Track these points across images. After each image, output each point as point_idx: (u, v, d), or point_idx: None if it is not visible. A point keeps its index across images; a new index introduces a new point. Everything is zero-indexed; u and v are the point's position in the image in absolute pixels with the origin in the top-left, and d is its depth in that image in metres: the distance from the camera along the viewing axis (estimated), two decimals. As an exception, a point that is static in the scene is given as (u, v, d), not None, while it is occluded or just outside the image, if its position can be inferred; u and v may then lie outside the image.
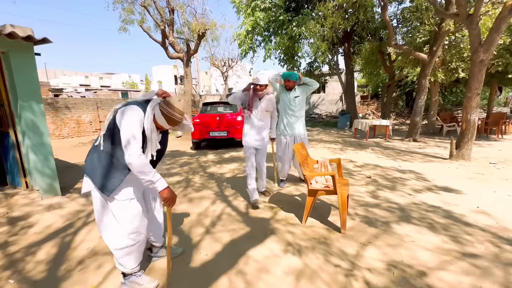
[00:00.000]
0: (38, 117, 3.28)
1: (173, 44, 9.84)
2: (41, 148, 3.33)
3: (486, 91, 12.50)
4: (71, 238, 2.48)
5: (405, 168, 4.66)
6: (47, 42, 3.08)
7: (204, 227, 2.59)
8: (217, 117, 6.77)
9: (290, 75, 3.34)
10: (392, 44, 7.48)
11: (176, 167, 5.19)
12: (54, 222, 2.86)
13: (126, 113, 1.46)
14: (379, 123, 8.41)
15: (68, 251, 2.26)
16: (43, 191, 3.37)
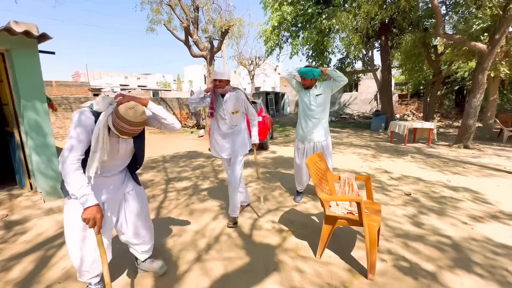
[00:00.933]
0: (42, 117, 3.16)
1: (197, 42, 9.70)
2: (45, 149, 3.21)
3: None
4: (54, 252, 2.24)
5: (456, 183, 3.76)
6: (46, 39, 2.92)
7: (197, 252, 2.16)
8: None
9: (306, 72, 2.76)
10: (440, 34, 6.36)
11: (188, 170, 4.89)
12: (47, 229, 2.68)
13: (74, 117, 1.38)
14: (421, 126, 7.27)
15: (44, 269, 2.00)
16: (45, 193, 3.26)
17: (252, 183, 3.98)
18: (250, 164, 5.13)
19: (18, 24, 2.87)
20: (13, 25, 2.81)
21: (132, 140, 1.58)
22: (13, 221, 2.82)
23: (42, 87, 3.15)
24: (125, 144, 1.55)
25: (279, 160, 5.43)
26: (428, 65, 10.32)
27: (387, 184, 3.72)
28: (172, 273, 1.90)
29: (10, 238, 2.53)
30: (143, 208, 1.77)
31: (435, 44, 9.92)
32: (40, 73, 3.13)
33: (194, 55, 9.65)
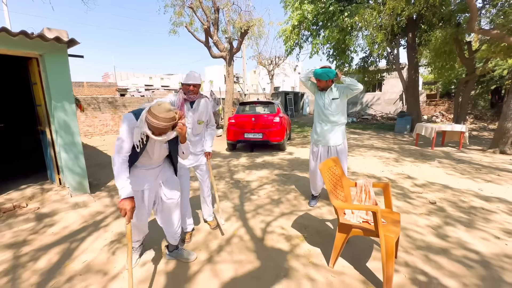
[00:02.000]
0: (70, 117, 3.37)
1: (217, 43, 9.84)
2: (72, 147, 3.43)
3: None
4: (77, 245, 2.38)
5: (489, 193, 3.45)
6: (75, 44, 3.10)
7: (208, 252, 2.19)
8: (252, 118, 6.38)
9: (320, 74, 2.68)
10: (475, 29, 5.87)
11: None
12: (72, 223, 2.86)
13: (122, 120, 1.64)
14: (451, 128, 6.78)
15: (67, 261, 2.14)
16: (72, 188, 3.48)
17: (267, 185, 3.94)
18: (268, 166, 5.10)
19: (50, 31, 3.09)
20: (46, 31, 3.03)
21: (167, 144, 1.80)
22: (43, 213, 3.03)
23: (70, 89, 3.37)
24: (159, 149, 1.77)
25: (296, 162, 5.34)
26: (460, 63, 9.59)
27: (410, 191, 3.50)
28: (183, 273, 1.93)
29: (40, 229, 2.73)
30: (174, 196, 1.94)
31: (469, 41, 9.19)
32: (69, 76, 3.34)
33: (214, 56, 9.80)
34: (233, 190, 3.74)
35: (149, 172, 1.84)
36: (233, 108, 10.97)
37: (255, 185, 3.94)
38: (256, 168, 4.95)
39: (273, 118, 6.31)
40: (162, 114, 1.49)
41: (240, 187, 3.89)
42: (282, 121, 6.36)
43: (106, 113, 10.78)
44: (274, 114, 6.46)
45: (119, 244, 2.36)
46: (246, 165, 5.24)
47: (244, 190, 3.75)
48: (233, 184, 4.02)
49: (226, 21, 10.01)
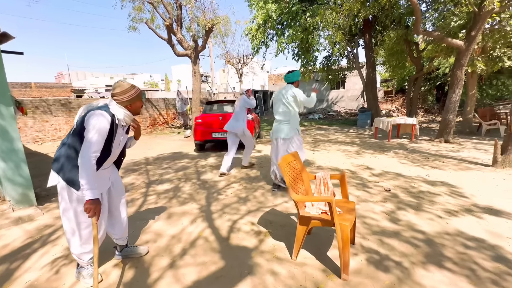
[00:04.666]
0: (7, 121, 2.99)
1: (181, 41, 9.51)
2: (12, 154, 3.04)
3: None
4: (19, 264, 2.12)
5: (435, 178, 3.84)
6: (8, 38, 2.75)
7: (171, 257, 2.10)
8: (220, 117, 6.29)
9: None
10: (420, 31, 6.47)
11: (171, 172, 4.78)
12: (14, 240, 2.53)
13: (93, 116, 1.52)
14: (404, 122, 7.42)
15: (6, 283, 1.88)
16: (14, 201, 3.09)
17: (234, 184, 3.92)
18: (236, 164, 5.08)
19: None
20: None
21: (126, 137, 1.84)
22: (-23, 233, 2.65)
23: (6, 89, 2.98)
24: (119, 144, 1.76)
25: (264, 159, 5.39)
26: (410, 61, 10.53)
27: (368, 181, 3.75)
28: (142, 281, 1.83)
29: (-28, 251, 2.38)
30: (122, 195, 1.96)
31: (417, 41, 10.13)
32: (3, 74, 2.95)
33: (178, 54, 9.47)
34: (200, 191, 3.65)
35: (106, 172, 1.79)
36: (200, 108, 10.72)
37: (223, 185, 3.89)
38: (224, 167, 4.89)
39: (240, 117, 6.28)
40: (129, 84, 1.63)
41: (207, 187, 3.81)
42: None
43: (58, 116, 9.79)
44: (242, 112, 6.43)
45: (66, 260, 2.15)
46: (214, 165, 5.15)
47: (211, 190, 3.68)
48: (200, 185, 3.92)
49: (189, 18, 9.72)
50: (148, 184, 4.13)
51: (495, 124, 7.86)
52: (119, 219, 1.96)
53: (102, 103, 1.65)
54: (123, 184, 2.03)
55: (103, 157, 1.64)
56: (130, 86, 1.65)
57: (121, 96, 1.62)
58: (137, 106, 1.71)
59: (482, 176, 3.90)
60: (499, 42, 6.29)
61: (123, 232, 2.01)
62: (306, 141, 7.55)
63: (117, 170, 1.97)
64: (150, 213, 3.00)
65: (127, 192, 3.76)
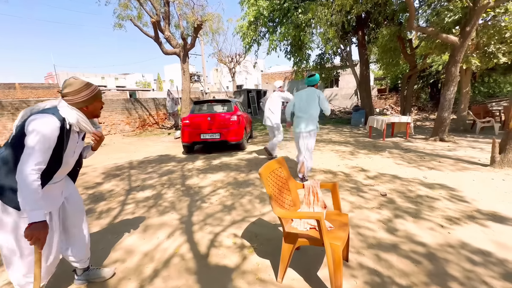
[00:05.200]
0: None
1: (169, 39, 9.18)
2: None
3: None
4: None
5: (432, 179, 3.64)
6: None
7: (140, 281, 1.82)
8: (208, 117, 6.01)
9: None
10: (414, 27, 6.30)
11: (155, 177, 4.49)
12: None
13: (37, 121, 1.25)
14: (399, 120, 7.25)
15: None
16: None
17: (221, 189, 3.65)
18: (225, 168, 4.80)
19: None
20: None
21: (82, 144, 1.60)
22: None
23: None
24: (79, 144, 1.54)
25: (254, 162, 5.13)
26: (403, 59, 10.41)
27: (363, 184, 3.53)
28: (101, 315, 1.55)
29: None
30: (80, 212, 1.70)
31: (410, 38, 10.01)
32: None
33: (166, 53, 9.13)
34: (182, 199, 3.37)
35: (56, 187, 1.51)
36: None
37: (208, 191, 3.62)
38: (211, 171, 4.62)
39: (230, 117, 6.02)
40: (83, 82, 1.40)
41: (191, 194, 3.53)
42: (240, 119, 6.11)
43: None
44: (231, 112, 6.17)
45: None
46: (202, 168, 4.87)
47: (195, 197, 3.40)
48: (184, 192, 3.64)
49: (178, 15, 9.38)
50: (128, 191, 3.84)
51: (489, 121, 7.76)
52: (78, 239, 1.69)
53: (50, 105, 1.39)
54: (81, 198, 1.76)
55: (52, 169, 1.38)
56: (85, 84, 1.41)
57: (73, 96, 1.37)
58: (95, 107, 1.48)
59: (481, 177, 3.72)
60: (493, 38, 6.16)
61: (83, 254, 1.74)
62: (299, 141, 7.32)
63: (72, 182, 1.70)
64: (124, 226, 2.71)
65: (104, 201, 3.46)
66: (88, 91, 1.40)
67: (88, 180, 4.53)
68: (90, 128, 1.47)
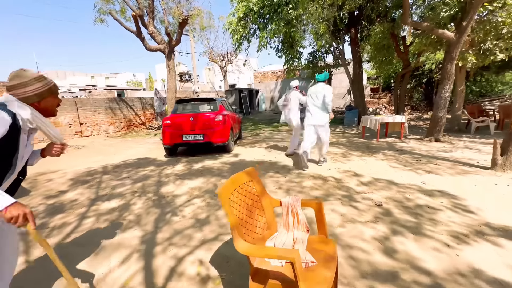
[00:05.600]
0: None
1: (153, 34, 8.69)
2: None
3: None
4: None
5: (431, 185, 3.30)
6: None
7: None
8: (191, 117, 5.57)
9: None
10: (408, 22, 6.00)
11: (128, 183, 4.04)
12: None
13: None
14: (393, 120, 6.95)
15: None
16: None
17: (197, 199, 3.23)
18: (206, 173, 4.38)
19: None
20: None
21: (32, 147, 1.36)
22: None
23: None
24: (28, 147, 1.30)
25: (239, 166, 4.72)
26: (397, 57, 10.16)
27: (356, 192, 3.16)
28: None
29: None
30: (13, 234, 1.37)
31: (404, 36, 9.75)
32: None
33: (150, 49, 8.63)
34: (151, 211, 2.94)
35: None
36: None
37: (183, 200, 3.20)
38: (191, 176, 4.19)
39: (214, 117, 5.59)
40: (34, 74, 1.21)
41: (162, 205, 3.10)
42: (225, 119, 5.69)
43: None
44: (216, 112, 5.75)
45: None
46: (181, 173, 4.44)
47: (166, 209, 2.98)
48: (155, 202, 3.21)
49: (162, 9, 8.89)
50: (93, 200, 3.38)
51: (484, 121, 7.55)
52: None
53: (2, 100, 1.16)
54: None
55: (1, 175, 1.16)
56: (37, 77, 1.22)
57: (21, 89, 1.18)
58: (49, 104, 1.28)
59: (482, 181, 3.41)
60: (489, 34, 5.90)
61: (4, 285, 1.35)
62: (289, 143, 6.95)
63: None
64: (75, 247, 2.28)
65: (62, 214, 3.00)
66: (38, 85, 1.21)
67: (52, 188, 4.05)
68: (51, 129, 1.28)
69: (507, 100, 11.67)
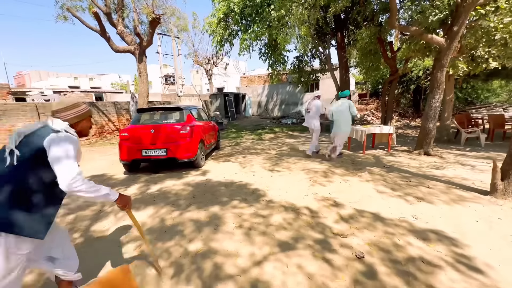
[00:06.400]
0: None
1: (122, 34, 7.91)
2: None
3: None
4: None
5: (424, 221, 2.71)
6: None
7: None
8: (151, 129, 4.83)
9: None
10: (396, 25, 5.51)
11: (59, 214, 3.25)
12: None
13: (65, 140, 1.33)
14: (380, 131, 6.44)
15: None
16: None
17: (132, 243, 2.50)
18: (160, 199, 3.63)
19: None
20: None
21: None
22: None
23: None
24: None
25: (202, 189, 4.01)
26: (384, 63, 9.76)
27: (333, 233, 2.52)
28: None
29: None
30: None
31: (391, 41, 9.37)
32: None
33: (117, 50, 7.84)
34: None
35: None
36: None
37: (107, 247, 2.46)
38: (140, 205, 3.45)
39: (180, 129, 4.88)
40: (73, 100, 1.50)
41: (81, 253, 2.35)
42: (193, 131, 4.99)
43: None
44: (182, 123, 5.03)
45: None
46: (133, 196, 3.69)
47: (85, 261, 2.23)
48: (80, 246, 2.45)
49: (132, 7, 8.13)
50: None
51: (475, 131, 7.16)
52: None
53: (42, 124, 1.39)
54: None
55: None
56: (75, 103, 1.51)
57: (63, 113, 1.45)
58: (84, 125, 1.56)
59: (484, 214, 2.85)
60: (481, 40, 5.49)
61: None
62: (269, 156, 6.31)
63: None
64: None
65: None
66: (78, 109, 1.49)
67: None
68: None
69: (494, 108, 11.54)
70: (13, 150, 1.24)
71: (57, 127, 1.33)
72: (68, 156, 1.28)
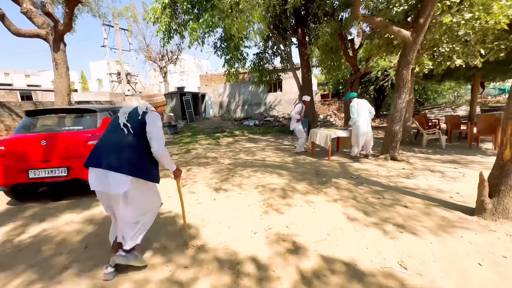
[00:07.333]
0: None
1: (29, 13, 6.07)
2: None
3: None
4: None
5: (415, 272, 1.90)
6: None
7: None
8: (42, 140, 3.39)
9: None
10: (359, 16, 4.87)
11: None
12: None
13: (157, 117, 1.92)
14: (345, 134, 5.79)
15: None
16: None
17: None
18: (39, 245, 2.29)
19: None
20: None
21: None
22: None
23: None
24: None
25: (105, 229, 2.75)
26: (346, 61, 9.37)
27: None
28: None
29: None
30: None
31: (352, 38, 8.99)
32: None
33: (18, 33, 5.97)
34: None
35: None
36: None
37: None
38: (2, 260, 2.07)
39: (88, 138, 3.51)
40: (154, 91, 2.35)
41: None
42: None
43: None
44: (92, 130, 3.65)
45: None
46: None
47: None
48: None
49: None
50: None
51: (435, 133, 6.99)
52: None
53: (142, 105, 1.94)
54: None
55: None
56: (159, 94, 2.18)
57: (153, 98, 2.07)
58: (161, 110, 2.15)
59: (483, 250, 2.16)
60: (444, 36, 5.14)
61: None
62: (220, 167, 5.21)
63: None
64: None
65: None
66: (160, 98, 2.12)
67: None
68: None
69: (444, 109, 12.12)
70: (126, 123, 1.81)
71: (149, 107, 1.93)
72: (160, 129, 1.85)
